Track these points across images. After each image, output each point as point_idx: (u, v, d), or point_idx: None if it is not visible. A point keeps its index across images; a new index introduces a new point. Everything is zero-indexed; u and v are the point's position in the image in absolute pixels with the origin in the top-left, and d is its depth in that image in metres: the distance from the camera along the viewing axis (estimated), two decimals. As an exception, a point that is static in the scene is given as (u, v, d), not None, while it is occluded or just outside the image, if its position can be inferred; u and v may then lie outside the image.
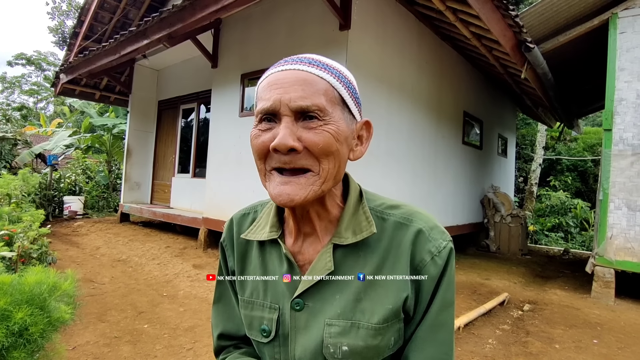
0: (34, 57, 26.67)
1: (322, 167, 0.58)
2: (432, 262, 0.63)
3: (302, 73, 0.59)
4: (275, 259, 0.69)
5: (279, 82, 0.58)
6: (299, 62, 0.60)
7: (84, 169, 9.80)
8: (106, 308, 3.34)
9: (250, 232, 0.73)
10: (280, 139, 0.56)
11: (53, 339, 1.56)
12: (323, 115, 0.58)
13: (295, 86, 0.57)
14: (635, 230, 4.20)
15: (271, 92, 0.58)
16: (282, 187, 0.59)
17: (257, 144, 0.60)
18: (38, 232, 3.38)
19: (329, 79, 0.60)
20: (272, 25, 4.87)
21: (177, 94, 7.63)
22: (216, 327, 0.81)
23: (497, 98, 8.36)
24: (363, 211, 0.67)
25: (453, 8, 4.14)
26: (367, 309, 0.62)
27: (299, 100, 0.57)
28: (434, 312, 0.63)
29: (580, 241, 10.05)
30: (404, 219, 0.66)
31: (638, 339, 3.18)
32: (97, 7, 6.94)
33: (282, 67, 0.61)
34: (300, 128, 0.58)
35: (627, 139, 4.32)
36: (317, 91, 0.58)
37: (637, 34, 4.34)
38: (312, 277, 0.64)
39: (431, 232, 0.64)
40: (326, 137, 0.58)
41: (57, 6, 21.59)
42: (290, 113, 0.57)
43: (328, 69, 0.61)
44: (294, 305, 0.65)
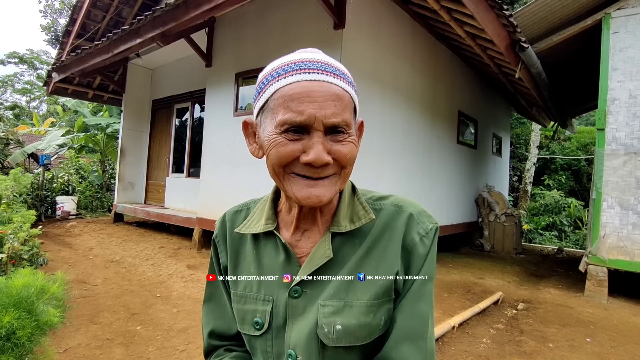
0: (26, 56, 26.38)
1: (345, 171, 0.63)
2: (420, 242, 0.68)
3: (332, 87, 0.60)
4: (272, 250, 0.71)
5: (312, 94, 0.59)
6: (325, 73, 0.61)
7: (77, 169, 9.70)
8: (98, 310, 3.31)
9: (244, 227, 0.74)
10: (317, 156, 0.58)
11: (42, 343, 1.54)
12: (348, 129, 0.61)
13: (329, 102, 0.59)
14: (627, 229, 4.23)
15: (303, 105, 0.58)
16: (310, 189, 0.61)
17: (284, 152, 0.60)
18: (29, 233, 3.34)
19: (351, 91, 0.63)
20: (266, 24, 4.85)
21: (171, 93, 7.58)
22: (207, 326, 0.81)
23: (491, 97, 8.39)
24: (359, 201, 0.71)
25: (447, 7, 4.14)
26: (359, 288, 0.65)
27: (333, 118, 0.59)
28: (416, 285, 0.67)
29: (574, 240, 10.12)
30: (395, 205, 0.71)
31: (630, 338, 3.21)
32: (90, 6, 6.87)
33: (309, 75, 0.60)
34: (329, 141, 0.60)
35: (620, 138, 4.35)
36: (345, 107, 0.61)
37: (629, 34, 4.36)
38: (311, 264, 0.66)
39: (419, 216, 0.70)
40: (352, 148, 0.62)
41: (50, 4, 21.38)
42: (322, 128, 0.59)
43: (348, 80, 0.63)
44: (292, 293, 0.66)
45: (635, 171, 4.23)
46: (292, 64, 0.61)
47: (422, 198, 5.67)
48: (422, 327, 0.65)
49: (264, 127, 0.64)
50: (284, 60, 0.63)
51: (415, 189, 5.52)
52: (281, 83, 0.61)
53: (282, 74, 0.61)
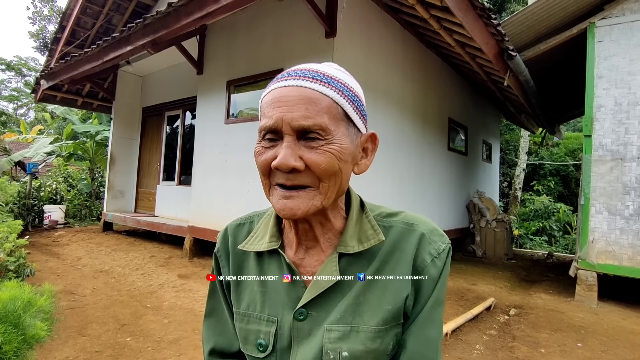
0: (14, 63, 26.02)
1: (323, 184, 0.59)
2: (432, 264, 0.65)
3: (305, 90, 0.58)
4: (275, 269, 0.68)
5: (282, 99, 0.58)
6: (302, 77, 0.59)
7: (65, 177, 9.56)
8: (87, 321, 3.24)
9: (247, 243, 0.72)
10: (281, 159, 0.56)
11: (29, 357, 1.50)
12: (325, 135, 0.58)
13: (298, 105, 0.57)
14: (615, 234, 4.30)
15: (274, 109, 0.58)
16: (284, 201, 0.59)
17: (261, 161, 0.60)
18: (15, 244, 3.27)
19: (333, 95, 0.59)
20: (258, 33, 4.86)
21: (162, 100, 7.54)
22: (207, 342, 0.78)
23: (481, 104, 8.50)
24: (368, 220, 0.68)
25: (437, 16, 4.20)
26: (366, 312, 0.63)
27: (301, 120, 0.56)
28: (427, 310, 0.64)
29: (564, 244, 10.24)
30: (406, 224, 0.68)
31: (620, 342, 3.24)
32: (80, 12, 6.82)
33: (286, 81, 0.60)
34: (303, 147, 0.58)
35: (607, 144, 4.43)
36: (320, 110, 0.57)
37: (614, 43, 4.47)
38: (317, 286, 0.63)
39: (431, 235, 0.67)
40: (328, 158, 0.58)
41: (39, 11, 21.19)
42: (292, 132, 0.57)
43: (333, 83, 0.60)
44: (297, 316, 0.64)
45: (622, 177, 4.31)
46: (279, 75, 0.62)
47: (413, 204, 5.69)
48: (432, 354, 0.63)
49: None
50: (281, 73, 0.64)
51: (407, 195, 5.54)
52: (265, 92, 0.62)
53: (270, 85, 0.62)
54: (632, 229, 4.21)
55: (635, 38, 4.35)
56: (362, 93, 0.66)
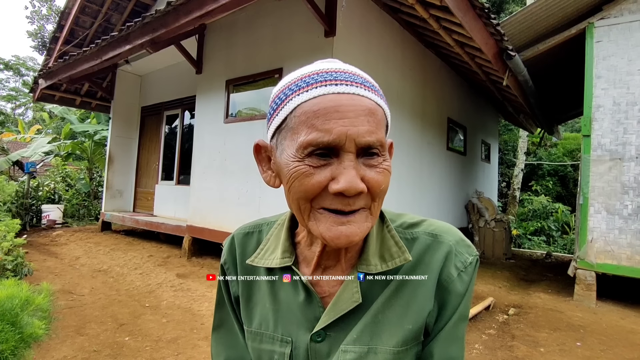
0: (12, 62, 25.94)
1: (374, 204, 0.54)
2: (458, 279, 0.60)
3: (365, 101, 0.51)
4: (289, 286, 0.63)
5: (341, 109, 0.50)
6: (356, 84, 0.52)
7: (63, 177, 9.54)
8: (85, 320, 3.23)
9: (257, 257, 0.66)
10: (349, 183, 0.49)
11: (26, 356, 1.49)
12: (382, 151, 0.53)
13: (361, 117, 0.50)
14: (614, 234, 4.30)
15: (332, 122, 0.49)
16: (340, 227, 0.52)
17: (310, 183, 0.51)
18: (13, 243, 3.25)
19: (383, 105, 0.54)
20: (257, 32, 4.86)
21: (160, 100, 7.52)
22: (217, 356, 0.73)
23: (480, 105, 8.51)
24: (391, 235, 0.62)
25: (436, 16, 4.20)
26: (385, 332, 0.58)
27: (367, 136, 0.50)
28: (450, 326, 0.60)
29: (562, 244, 10.26)
30: (431, 235, 0.63)
31: (619, 341, 3.24)
32: (78, 12, 6.81)
33: (337, 87, 0.51)
34: (362, 165, 0.51)
35: (605, 144, 4.44)
36: (379, 123, 0.52)
37: (612, 43, 4.48)
38: (337, 309, 0.59)
39: (458, 247, 0.61)
40: (387, 177, 0.53)
41: (37, 10, 21.15)
42: (355, 149, 0.50)
43: (379, 92, 0.54)
44: (315, 338, 0.60)
45: (621, 176, 4.32)
46: (315, 75, 0.53)
47: (412, 204, 5.69)
48: None
49: (282, 151, 0.54)
50: (304, 71, 0.55)
51: (406, 195, 5.54)
52: (303, 97, 0.51)
53: (303, 86, 0.52)
54: (631, 229, 4.21)
55: (634, 38, 4.35)
56: None
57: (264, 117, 4.66)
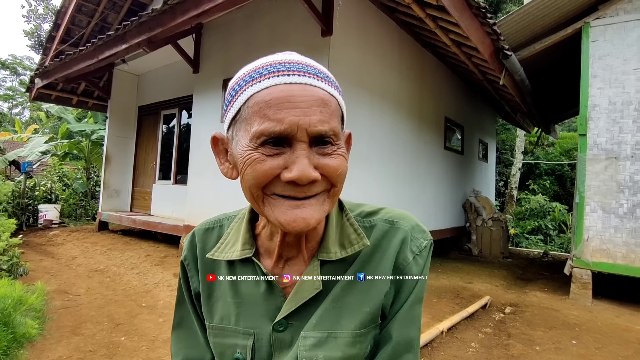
0: (8, 61, 25.84)
1: (335, 189, 0.55)
2: (414, 262, 0.63)
3: (318, 91, 0.52)
4: (250, 280, 0.64)
5: (293, 99, 0.50)
6: (308, 74, 0.52)
7: (60, 177, 9.50)
8: (81, 320, 3.22)
9: (217, 251, 0.66)
10: (302, 172, 0.49)
11: (19, 356, 1.49)
12: (336, 140, 0.53)
13: (313, 107, 0.50)
14: (610, 232, 4.32)
15: (283, 111, 0.50)
16: (295, 211, 0.52)
17: (262, 170, 0.51)
18: (8, 243, 3.24)
19: (337, 96, 0.55)
20: (254, 31, 4.85)
21: (157, 99, 7.51)
22: (176, 355, 0.72)
23: (477, 104, 8.53)
24: (350, 223, 0.64)
25: (433, 15, 4.20)
26: (344, 316, 0.59)
27: (319, 125, 0.50)
28: (407, 308, 0.62)
29: (559, 243, 10.29)
30: (388, 221, 0.65)
31: (614, 339, 3.26)
32: (75, 11, 6.79)
33: (289, 77, 0.51)
34: (315, 154, 0.52)
35: (601, 143, 4.45)
36: (332, 113, 0.53)
37: (608, 43, 4.49)
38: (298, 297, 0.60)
39: (413, 232, 0.64)
40: (342, 162, 0.54)
41: (33, 9, 21.07)
42: (307, 139, 0.51)
43: (333, 82, 0.55)
44: (277, 327, 0.60)
45: (616, 175, 4.33)
46: (268, 66, 0.53)
47: (410, 204, 5.70)
48: (408, 354, 0.61)
49: (237, 142, 0.54)
50: (258, 63, 0.55)
51: (404, 195, 5.55)
52: (256, 88, 0.52)
53: (256, 77, 0.53)
54: (626, 227, 4.23)
55: (629, 38, 4.37)
56: None
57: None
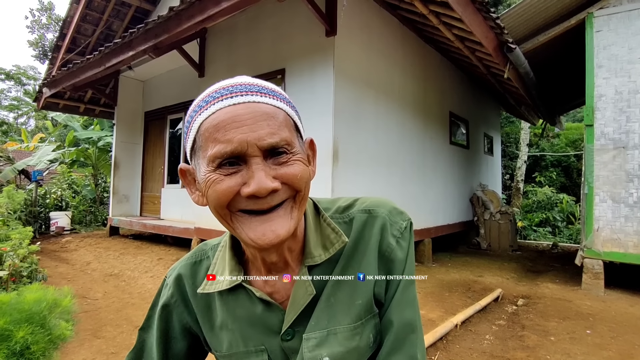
0: (13, 72, 26.11)
1: (299, 194, 0.56)
2: (398, 246, 0.64)
3: (262, 106, 0.53)
4: (245, 300, 0.65)
5: (238, 119, 0.51)
6: (250, 92, 0.54)
7: (69, 184, 9.62)
8: (101, 324, 3.28)
9: (207, 284, 0.66)
10: (259, 184, 0.51)
11: (54, 357, 1.54)
12: (291, 148, 0.54)
13: (260, 122, 0.52)
14: (620, 222, 4.32)
15: (231, 131, 0.51)
16: (264, 225, 0.53)
17: (222, 189, 0.52)
18: (28, 250, 3.31)
19: (284, 107, 0.56)
20: (258, 33, 4.90)
21: (163, 104, 7.58)
22: None
23: (481, 98, 8.52)
24: (327, 223, 0.65)
25: (436, 11, 4.22)
26: (339, 312, 0.62)
27: (269, 138, 0.52)
28: (400, 291, 0.64)
29: (568, 235, 10.26)
30: (365, 211, 0.66)
31: (629, 328, 3.27)
32: (80, 20, 6.87)
33: (232, 99, 0.53)
34: (272, 166, 0.53)
35: (608, 133, 4.45)
36: (280, 124, 0.54)
37: (612, 32, 4.49)
38: (296, 307, 0.62)
39: (391, 216, 0.66)
40: (301, 167, 0.55)
41: (37, 19, 21.25)
42: (260, 153, 0.52)
43: (279, 95, 0.57)
44: (285, 337, 0.62)
45: (625, 165, 4.33)
46: (214, 93, 0.55)
47: (417, 199, 5.72)
48: (412, 335, 0.63)
49: (199, 169, 0.56)
50: (206, 92, 0.57)
51: (411, 191, 5.57)
52: (204, 115, 0.54)
53: (203, 105, 0.55)
54: (637, 216, 4.23)
55: (634, 27, 4.36)
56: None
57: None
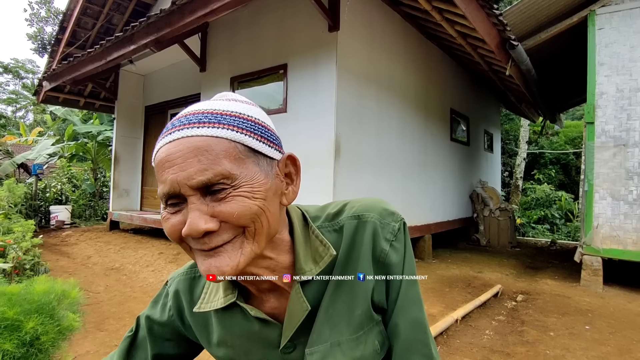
0: (11, 65, 25.95)
1: (248, 229, 0.52)
2: (392, 250, 0.62)
3: (192, 140, 0.50)
4: (241, 318, 0.64)
5: (170, 158, 0.50)
6: (187, 125, 0.51)
7: (69, 178, 9.61)
8: (103, 317, 3.30)
9: (203, 302, 0.66)
10: (189, 226, 0.49)
11: (62, 347, 1.56)
12: (231, 182, 0.50)
13: (189, 160, 0.49)
14: (619, 219, 4.35)
15: (166, 172, 0.50)
16: (209, 260, 0.52)
17: (169, 227, 0.52)
18: (31, 243, 3.32)
19: (227, 134, 0.51)
20: (260, 28, 4.88)
21: (164, 99, 7.56)
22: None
23: (481, 95, 8.53)
24: (315, 235, 0.62)
25: (439, 8, 4.22)
26: (340, 322, 0.60)
27: (197, 176, 0.48)
28: (403, 294, 0.63)
29: (566, 232, 10.31)
30: (354, 217, 0.64)
31: (627, 324, 3.30)
32: (80, 13, 6.83)
33: (170, 135, 0.51)
34: (211, 202, 0.50)
35: (609, 131, 4.47)
36: (215, 157, 0.49)
37: (614, 30, 4.49)
38: (293, 323, 0.61)
39: (382, 219, 0.63)
40: (240, 202, 0.50)
41: (36, 12, 21.10)
42: (194, 191, 0.49)
43: (224, 120, 0.52)
44: (285, 350, 0.62)
45: (625, 162, 4.35)
46: (168, 124, 0.54)
47: (418, 196, 5.74)
48: (423, 335, 0.62)
49: None
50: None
51: (411, 187, 5.59)
52: (154, 153, 0.54)
53: (159, 139, 0.54)
54: (636, 214, 4.26)
55: (636, 25, 4.37)
56: (266, 117, 0.58)
57: (269, 113, 4.70)
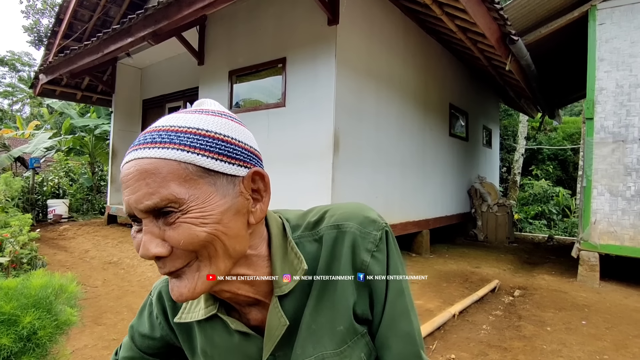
0: (7, 58, 25.70)
1: (201, 255, 0.50)
2: (373, 261, 0.59)
3: (141, 162, 0.48)
4: (222, 330, 0.63)
5: (124, 179, 0.50)
6: (141, 146, 0.50)
7: (66, 172, 9.57)
8: (101, 311, 3.30)
9: (184, 312, 0.65)
10: (142, 249, 0.49)
11: (60, 342, 1.55)
12: (179, 205, 0.48)
13: (138, 182, 0.48)
14: (617, 215, 4.36)
15: (123, 192, 0.51)
16: (172, 282, 0.52)
17: (135, 245, 0.52)
18: (29, 237, 3.31)
19: (175, 155, 0.48)
20: (259, 21, 4.84)
21: (162, 92, 7.51)
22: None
23: (480, 90, 8.51)
24: (291, 247, 0.60)
25: (439, 2, 4.19)
26: (323, 336, 0.59)
27: (145, 200, 0.47)
28: (390, 307, 0.60)
29: (563, 228, 10.36)
30: (334, 227, 0.60)
31: (623, 319, 3.32)
32: (77, 5, 6.75)
33: (128, 155, 0.51)
34: (163, 225, 0.49)
35: (608, 127, 4.47)
36: (162, 180, 0.48)
37: (615, 25, 4.47)
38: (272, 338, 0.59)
39: (363, 228, 0.59)
40: (185, 230, 0.48)
41: (32, 4, 20.87)
42: (145, 214, 0.48)
43: (177, 139, 0.49)
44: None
45: (624, 158, 4.36)
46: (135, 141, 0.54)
47: (416, 190, 5.74)
48: (414, 348, 0.60)
49: None
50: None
51: (410, 182, 5.59)
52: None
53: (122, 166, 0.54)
54: (634, 210, 4.27)
55: (636, 20, 4.35)
56: (234, 130, 0.54)
57: (268, 107, 4.68)
